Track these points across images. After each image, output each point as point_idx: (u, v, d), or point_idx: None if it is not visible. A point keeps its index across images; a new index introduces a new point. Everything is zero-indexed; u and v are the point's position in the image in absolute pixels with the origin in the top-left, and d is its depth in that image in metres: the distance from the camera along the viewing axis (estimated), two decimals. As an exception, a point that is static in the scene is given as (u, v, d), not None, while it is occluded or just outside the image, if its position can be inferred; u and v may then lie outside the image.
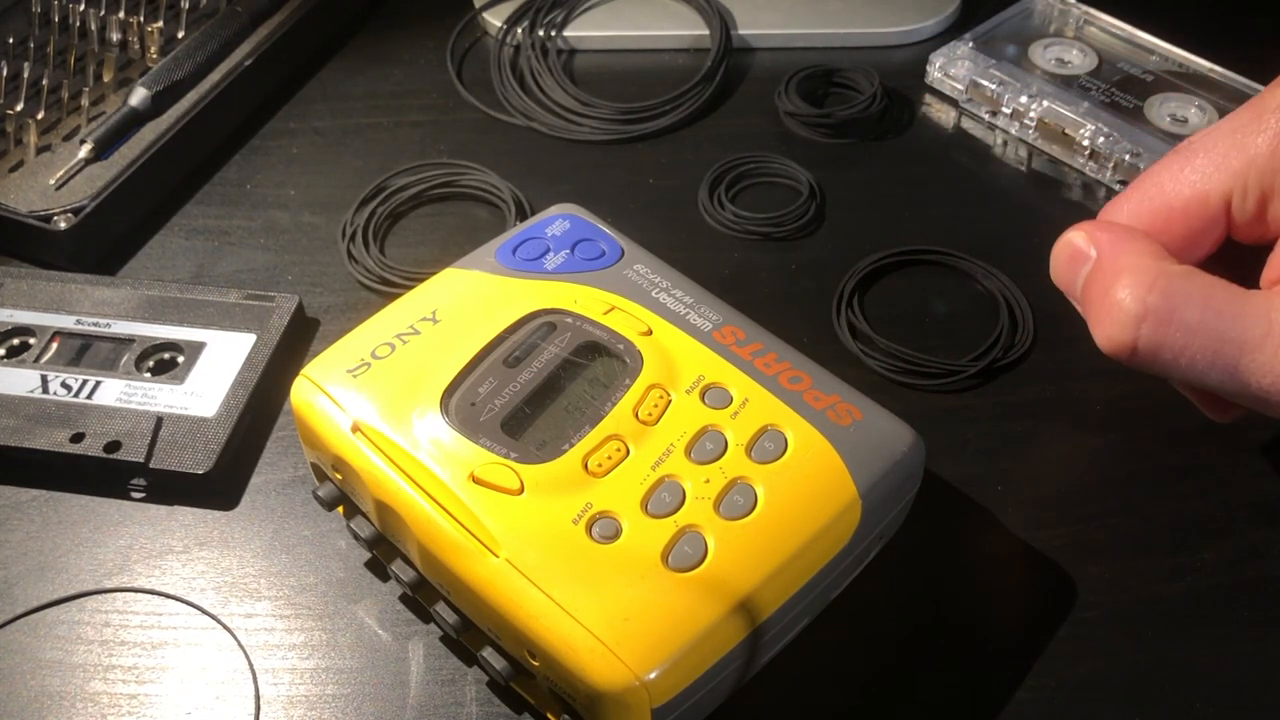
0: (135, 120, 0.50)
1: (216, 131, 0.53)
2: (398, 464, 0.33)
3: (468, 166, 0.51)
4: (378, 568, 0.38)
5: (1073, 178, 0.51)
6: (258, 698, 0.35)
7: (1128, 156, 0.49)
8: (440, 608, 0.34)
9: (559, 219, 0.41)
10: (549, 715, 0.34)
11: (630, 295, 0.38)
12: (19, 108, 0.51)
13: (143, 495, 0.39)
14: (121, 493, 0.40)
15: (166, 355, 0.42)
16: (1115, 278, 0.32)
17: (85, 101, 0.51)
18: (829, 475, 0.33)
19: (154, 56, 0.54)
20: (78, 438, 0.39)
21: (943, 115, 0.54)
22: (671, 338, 0.36)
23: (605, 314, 0.37)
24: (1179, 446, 0.41)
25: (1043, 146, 0.52)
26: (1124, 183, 0.50)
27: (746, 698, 0.34)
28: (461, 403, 0.35)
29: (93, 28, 0.55)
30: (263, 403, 0.42)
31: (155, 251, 0.49)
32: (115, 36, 0.55)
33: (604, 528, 0.32)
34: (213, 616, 0.37)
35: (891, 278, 0.47)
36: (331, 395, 0.35)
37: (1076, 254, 0.34)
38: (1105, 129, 0.50)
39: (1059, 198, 0.50)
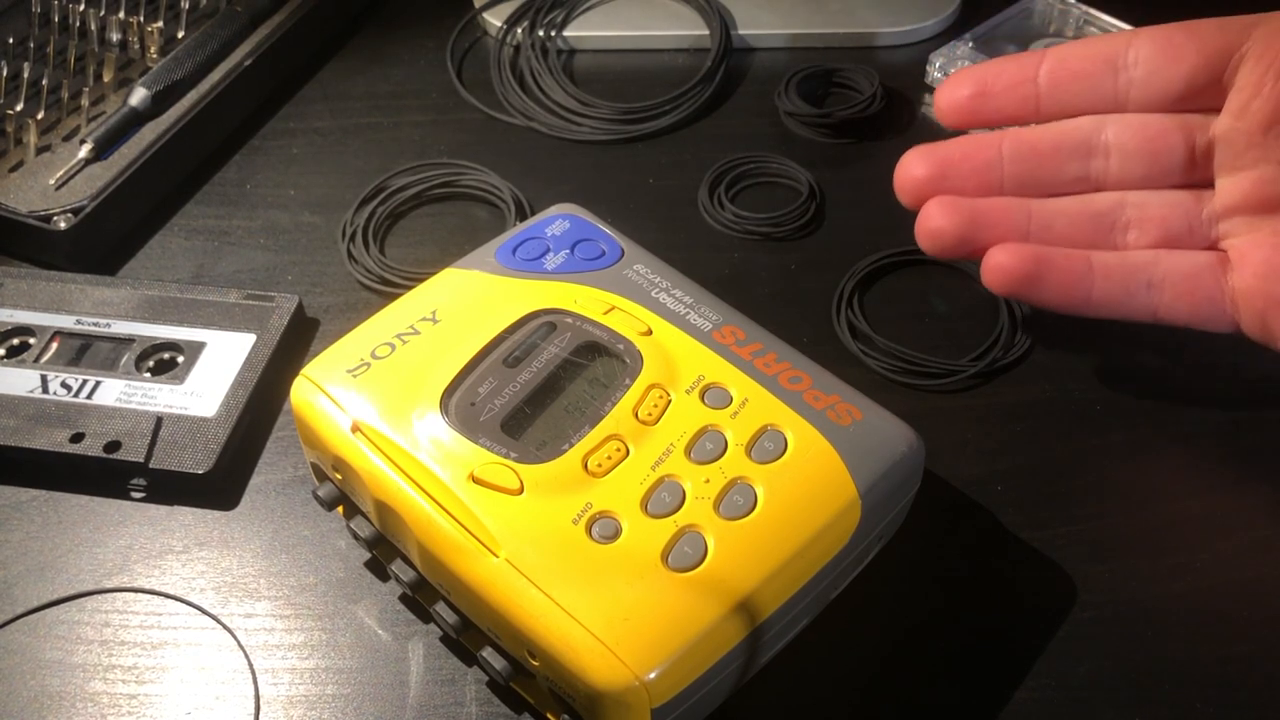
0: (135, 120, 0.50)
1: (216, 131, 0.53)
2: (397, 464, 0.33)
3: (468, 166, 0.51)
4: (378, 568, 0.38)
5: (1073, 178, 0.51)
6: (258, 698, 0.35)
7: (1128, 156, 0.49)
8: (440, 608, 0.34)
9: (559, 219, 0.41)
10: (549, 715, 0.34)
11: (630, 295, 0.38)
12: (19, 108, 0.51)
13: (143, 495, 0.39)
14: (121, 493, 0.40)
15: (166, 355, 0.42)
16: None
17: (85, 101, 0.51)
18: (829, 475, 0.33)
19: (154, 56, 0.54)
20: (78, 438, 0.39)
21: (943, 115, 0.54)
22: (671, 338, 0.36)
23: (605, 314, 0.37)
24: (1179, 446, 0.41)
25: (1043, 146, 0.52)
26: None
27: (746, 698, 0.34)
28: (461, 403, 0.35)
29: (93, 28, 0.55)
30: (262, 403, 0.42)
31: (155, 251, 0.49)
32: (115, 36, 0.55)
33: (604, 528, 0.32)
34: (213, 616, 0.37)
35: (891, 278, 0.47)
36: (331, 395, 0.35)
37: None
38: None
39: (1059, 198, 0.50)
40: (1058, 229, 0.40)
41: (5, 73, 0.52)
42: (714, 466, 0.33)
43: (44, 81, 0.52)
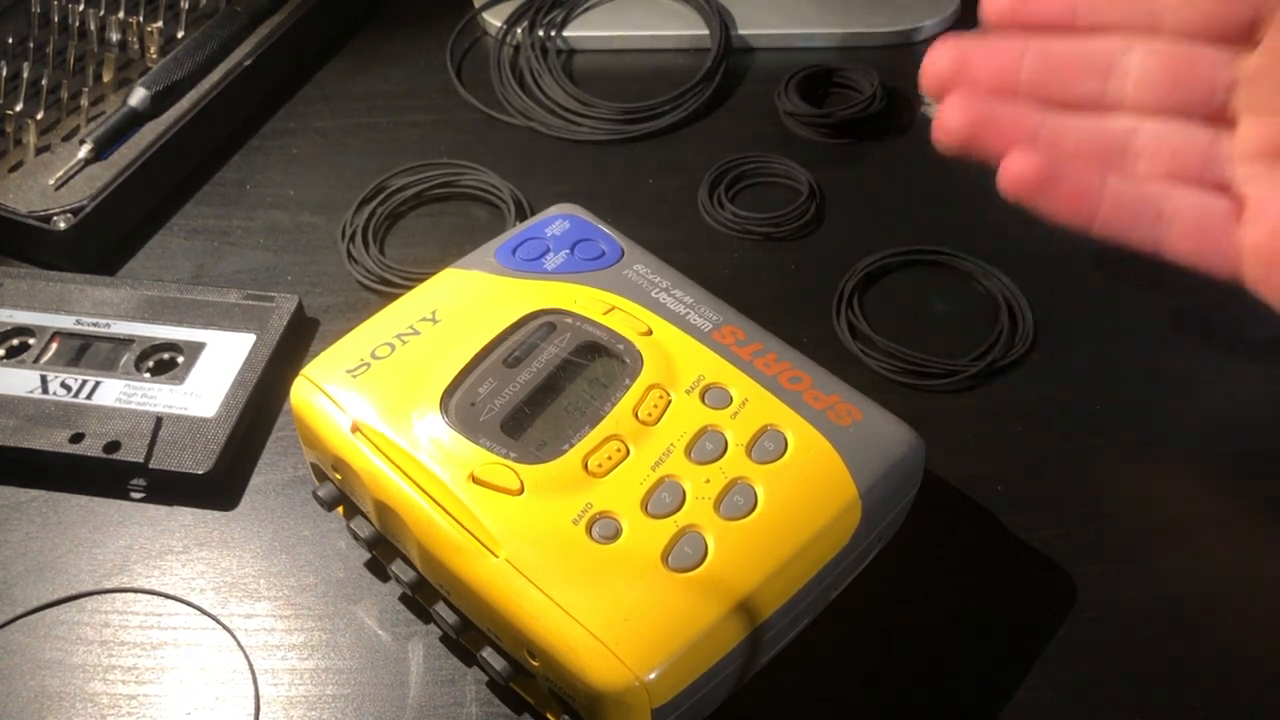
0: (135, 120, 0.50)
1: (216, 131, 0.53)
2: (397, 464, 0.33)
3: (467, 166, 0.51)
4: (378, 568, 0.38)
5: (1073, 178, 0.51)
6: (257, 698, 0.35)
7: (1128, 156, 0.49)
8: (440, 608, 0.34)
9: (559, 219, 0.41)
10: (549, 715, 0.34)
11: (630, 295, 0.38)
12: (19, 108, 0.51)
13: (142, 495, 0.39)
14: (121, 493, 0.40)
15: (166, 355, 0.42)
16: None
17: (85, 101, 0.51)
18: (829, 475, 0.33)
19: (154, 56, 0.54)
20: (77, 438, 0.39)
21: (943, 115, 0.54)
22: (671, 338, 0.36)
23: (605, 314, 0.37)
24: (1179, 446, 0.41)
25: (1043, 146, 0.52)
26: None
27: (746, 698, 0.34)
28: (461, 403, 0.35)
29: (92, 28, 0.55)
30: (262, 403, 0.42)
31: (155, 251, 0.48)
32: (115, 36, 0.55)
33: (604, 528, 0.32)
34: (212, 617, 0.37)
35: (891, 278, 0.47)
36: (331, 395, 0.35)
37: None
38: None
39: (1059, 198, 0.50)
40: (1068, 144, 0.39)
41: (5, 73, 0.52)
42: (714, 467, 0.33)
43: (44, 81, 0.52)
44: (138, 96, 0.51)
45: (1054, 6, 0.40)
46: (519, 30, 0.57)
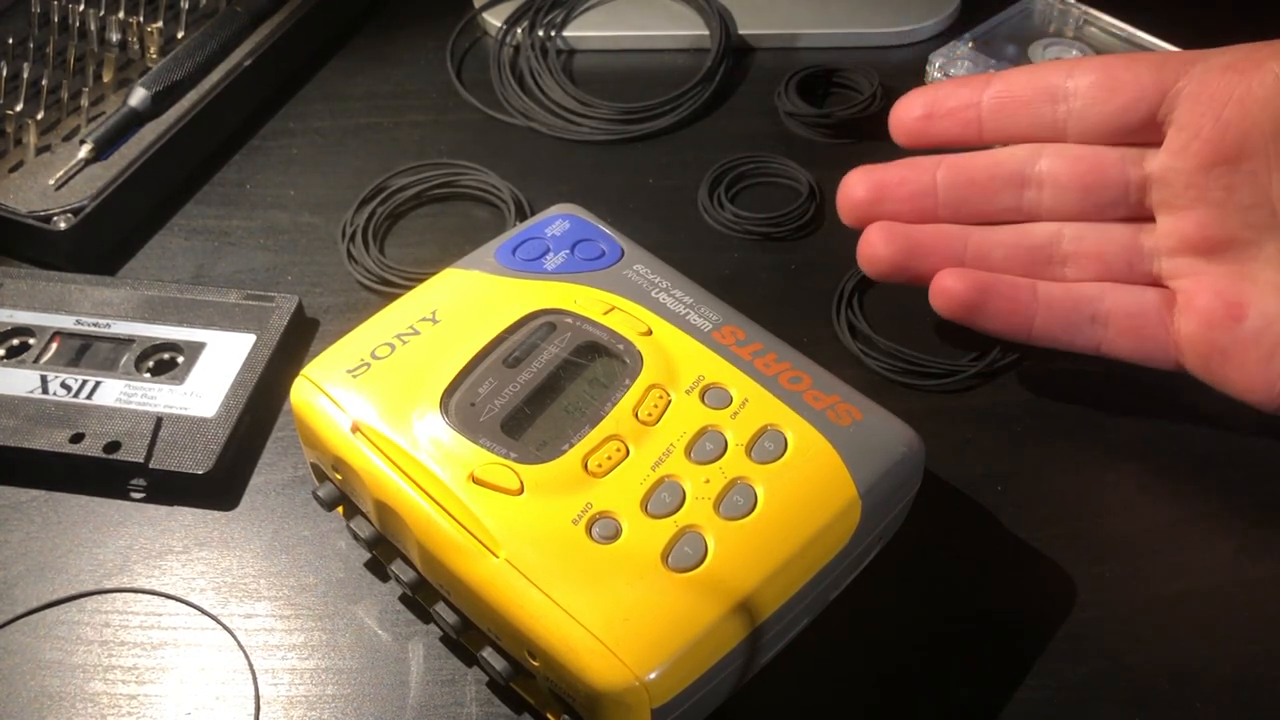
0: (135, 120, 0.50)
1: (216, 131, 0.53)
2: (397, 464, 0.33)
3: (467, 166, 0.51)
4: (378, 568, 0.38)
5: (1073, 178, 0.51)
6: (258, 698, 0.35)
7: (1127, 156, 0.49)
8: (440, 608, 0.34)
9: (559, 219, 0.41)
10: (549, 715, 0.34)
11: (630, 295, 0.38)
12: (19, 108, 0.51)
13: (143, 495, 0.39)
14: (121, 493, 0.40)
15: (166, 355, 0.42)
16: None
17: (85, 101, 0.51)
18: (829, 475, 0.33)
19: (154, 56, 0.54)
20: (77, 438, 0.39)
21: (943, 115, 0.54)
22: (671, 338, 0.36)
23: (605, 314, 0.37)
24: (1179, 446, 0.41)
25: (1042, 146, 0.52)
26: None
27: (746, 698, 0.34)
28: (461, 403, 0.35)
29: (92, 28, 0.55)
30: (262, 403, 0.42)
31: (155, 251, 0.49)
32: (115, 36, 0.55)
33: (604, 528, 0.32)
34: (212, 617, 0.37)
35: (891, 278, 0.47)
36: (331, 395, 0.35)
37: None
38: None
39: (1059, 198, 0.50)
40: (995, 259, 0.40)
41: (5, 73, 0.52)
42: (714, 467, 0.33)
43: (44, 81, 0.52)
44: (138, 96, 0.51)
45: (960, 123, 0.41)
46: (519, 30, 0.57)
